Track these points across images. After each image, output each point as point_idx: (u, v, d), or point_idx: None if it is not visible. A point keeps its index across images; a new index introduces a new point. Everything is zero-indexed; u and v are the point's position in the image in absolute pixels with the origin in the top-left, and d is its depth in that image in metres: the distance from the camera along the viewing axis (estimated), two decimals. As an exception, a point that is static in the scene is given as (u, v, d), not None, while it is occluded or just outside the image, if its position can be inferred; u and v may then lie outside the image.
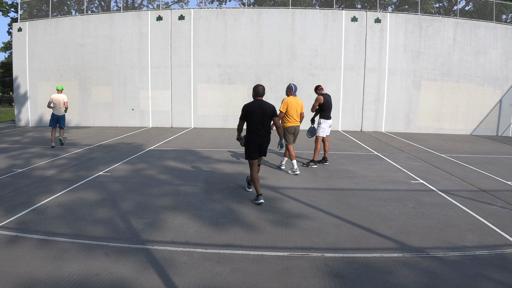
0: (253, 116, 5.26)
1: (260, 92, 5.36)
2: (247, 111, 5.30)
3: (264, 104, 5.32)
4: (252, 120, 5.28)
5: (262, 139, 5.35)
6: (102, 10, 26.46)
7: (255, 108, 5.27)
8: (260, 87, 5.36)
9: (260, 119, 5.27)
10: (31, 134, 13.36)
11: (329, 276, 3.27)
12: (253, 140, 5.30)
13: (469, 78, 15.63)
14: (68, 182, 6.33)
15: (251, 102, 5.37)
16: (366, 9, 18.41)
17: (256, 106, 5.29)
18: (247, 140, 5.35)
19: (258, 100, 5.38)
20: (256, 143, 5.31)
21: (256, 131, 5.29)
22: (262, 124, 5.30)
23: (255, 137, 5.30)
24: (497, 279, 3.23)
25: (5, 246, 3.76)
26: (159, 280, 3.15)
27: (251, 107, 5.29)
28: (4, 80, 38.93)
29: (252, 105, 5.32)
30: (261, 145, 5.38)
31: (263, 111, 5.28)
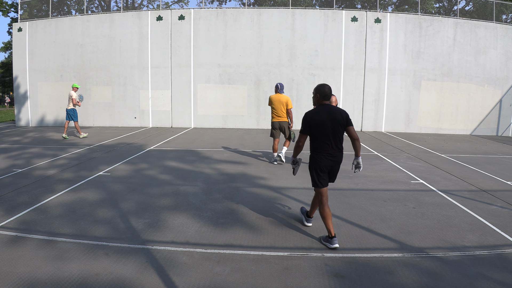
0: (321, 127, 3.84)
1: (328, 94, 3.92)
2: (312, 121, 3.86)
3: (335, 111, 3.88)
4: (320, 134, 3.86)
5: (334, 160, 3.93)
6: (102, 10, 26.46)
7: (323, 117, 3.84)
8: (327, 87, 3.95)
9: (330, 131, 3.84)
10: (31, 134, 13.36)
11: (329, 276, 3.27)
12: (321, 161, 3.91)
13: (469, 78, 15.62)
14: (69, 182, 6.33)
15: (316, 109, 3.93)
16: (366, 9, 18.41)
17: (325, 113, 3.85)
18: (313, 162, 3.97)
19: (326, 106, 3.91)
20: (325, 166, 3.93)
21: (325, 149, 3.88)
22: (334, 138, 3.87)
23: (325, 157, 3.90)
24: (497, 279, 3.23)
25: (5, 246, 3.76)
26: (159, 280, 3.15)
27: (318, 116, 3.85)
28: (4, 80, 38.94)
29: (319, 112, 3.87)
30: (332, 167, 3.99)
31: (334, 120, 3.84)
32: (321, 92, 3.95)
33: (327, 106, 3.91)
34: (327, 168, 3.97)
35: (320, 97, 3.97)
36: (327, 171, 4.00)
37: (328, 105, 3.92)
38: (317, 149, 3.93)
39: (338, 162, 4.01)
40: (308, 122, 3.89)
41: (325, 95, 3.95)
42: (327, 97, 3.94)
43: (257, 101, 16.01)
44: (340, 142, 3.94)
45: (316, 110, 3.93)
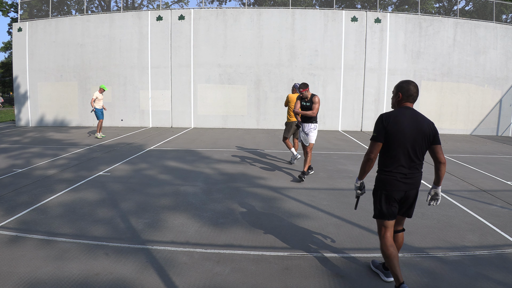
0: (399, 137, 2.87)
1: (413, 94, 2.95)
2: (391, 127, 2.88)
3: (421, 119, 2.93)
4: (396, 146, 2.89)
5: (409, 183, 2.96)
6: (102, 10, 26.46)
7: (405, 124, 2.88)
8: (413, 85, 2.95)
9: (410, 144, 2.89)
10: (31, 134, 13.36)
11: (329, 276, 3.27)
12: (392, 184, 2.95)
13: (469, 78, 15.63)
14: (69, 182, 6.33)
15: (396, 112, 2.96)
16: (366, 9, 18.41)
17: (407, 120, 2.89)
18: (380, 184, 3.01)
19: (410, 110, 2.95)
20: (397, 191, 2.95)
21: (398, 167, 2.92)
22: (414, 154, 2.93)
23: (397, 178, 2.93)
24: (497, 279, 3.23)
25: (5, 246, 3.76)
26: (159, 280, 3.15)
27: (397, 121, 2.89)
28: (4, 80, 38.94)
29: (399, 117, 2.91)
30: (406, 194, 2.99)
31: (419, 130, 2.89)
32: (405, 90, 2.95)
33: (411, 110, 2.94)
34: (400, 194, 2.96)
35: (403, 97, 2.97)
36: (399, 198, 2.98)
37: (412, 109, 2.95)
38: (388, 166, 2.95)
39: (414, 187, 2.99)
40: (385, 126, 2.89)
41: (409, 94, 2.95)
42: (411, 98, 2.96)
43: (257, 101, 16.01)
44: (420, 161, 2.98)
45: (395, 113, 2.94)
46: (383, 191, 3.00)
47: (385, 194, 3.00)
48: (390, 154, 2.94)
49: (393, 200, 2.99)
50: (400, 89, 2.99)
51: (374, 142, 2.98)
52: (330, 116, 15.92)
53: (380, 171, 3.04)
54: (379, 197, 3.03)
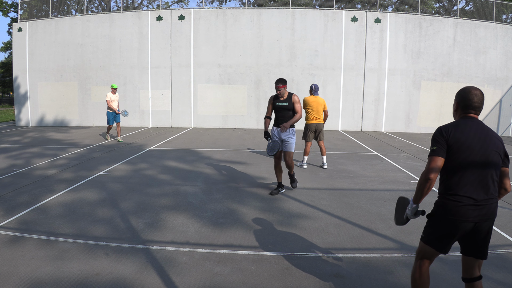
0: (466, 153, 2.31)
1: (473, 104, 2.40)
2: (454, 139, 2.34)
3: (492, 132, 2.40)
4: (463, 164, 2.32)
5: (481, 211, 2.30)
6: (102, 10, 26.46)
7: (472, 136, 2.34)
8: (472, 93, 2.40)
9: (480, 162, 2.32)
10: (31, 134, 13.36)
11: (329, 276, 3.27)
12: (457, 211, 2.31)
13: (469, 78, 15.62)
14: (69, 182, 6.33)
15: (458, 122, 2.44)
16: (366, 9, 18.41)
17: (474, 131, 2.36)
18: (441, 210, 2.38)
19: (475, 121, 2.41)
20: (464, 219, 2.30)
21: (467, 190, 2.30)
22: (485, 175, 2.32)
23: (465, 204, 2.29)
24: (497, 279, 3.23)
25: (5, 246, 3.76)
26: (159, 280, 3.15)
27: (463, 132, 2.35)
28: (4, 80, 38.93)
29: (463, 127, 2.37)
30: (476, 225, 2.32)
31: (491, 145, 2.34)
32: (461, 98, 2.44)
33: (477, 121, 2.40)
34: (467, 226, 2.30)
35: (459, 106, 2.47)
36: (465, 230, 2.32)
37: (477, 120, 2.41)
38: (452, 189, 2.32)
39: (488, 217, 2.32)
40: (446, 138, 2.34)
41: (466, 104, 2.42)
42: (471, 108, 2.41)
43: (257, 101, 16.01)
44: (494, 184, 2.34)
45: (456, 123, 2.42)
46: (446, 218, 2.33)
47: (446, 222, 2.33)
48: (455, 173, 2.32)
49: (455, 232, 2.33)
50: (456, 97, 2.48)
51: (434, 157, 2.34)
52: (330, 116, 15.88)
53: (442, 195, 2.39)
54: (437, 222, 2.41)
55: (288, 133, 5.56)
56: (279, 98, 5.59)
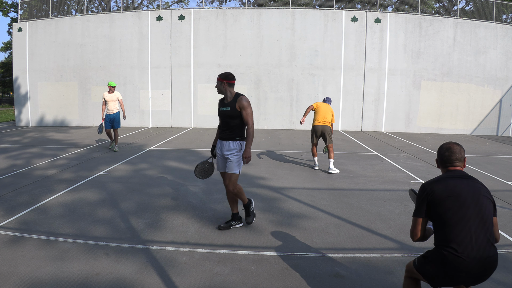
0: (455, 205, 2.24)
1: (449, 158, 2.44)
2: (438, 193, 2.28)
3: (477, 181, 2.36)
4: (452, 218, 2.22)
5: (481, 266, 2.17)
6: (102, 10, 26.46)
7: (459, 186, 2.30)
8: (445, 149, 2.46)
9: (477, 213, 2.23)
10: (31, 134, 13.36)
11: (329, 276, 3.27)
12: (452, 264, 2.18)
13: (469, 78, 15.63)
14: (69, 182, 6.33)
15: (443, 176, 2.42)
16: (366, 9, 18.41)
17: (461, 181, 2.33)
18: (439, 262, 2.24)
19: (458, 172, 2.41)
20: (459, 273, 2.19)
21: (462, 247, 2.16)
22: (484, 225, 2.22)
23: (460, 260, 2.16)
24: (497, 279, 3.23)
25: (5, 246, 3.76)
26: (159, 280, 3.15)
27: (448, 184, 2.32)
28: (4, 80, 38.92)
29: (449, 179, 2.35)
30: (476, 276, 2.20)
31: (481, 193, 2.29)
32: (438, 155, 2.49)
33: (460, 172, 2.41)
34: (466, 279, 2.21)
35: (440, 163, 2.51)
36: (464, 281, 2.23)
37: (461, 171, 2.41)
38: (450, 243, 2.20)
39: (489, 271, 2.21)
40: (428, 194, 2.32)
41: (443, 160, 2.46)
42: (450, 162, 2.43)
43: (257, 101, 16.01)
44: (492, 235, 2.26)
45: (440, 177, 2.41)
46: (442, 269, 2.23)
47: (444, 273, 2.23)
48: (450, 227, 2.22)
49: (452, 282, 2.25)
50: (437, 154, 2.49)
51: (415, 218, 2.37)
52: (330, 116, 15.91)
53: (440, 246, 2.26)
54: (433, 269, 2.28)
55: (230, 147, 4.14)
56: (222, 100, 4.28)
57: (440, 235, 2.27)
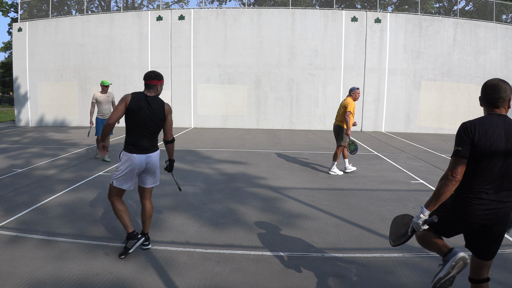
0: (490, 153, 2.18)
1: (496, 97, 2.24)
2: (478, 138, 2.18)
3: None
4: (483, 166, 2.20)
5: (493, 214, 2.21)
6: (102, 10, 26.46)
7: (497, 135, 2.19)
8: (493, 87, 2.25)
9: (501, 165, 2.19)
10: (31, 134, 13.36)
11: (329, 276, 3.27)
12: (464, 210, 2.24)
13: (469, 78, 15.63)
14: (69, 182, 6.33)
15: (483, 119, 2.25)
16: (366, 9, 18.41)
17: (500, 129, 2.20)
18: (451, 205, 2.31)
19: (501, 118, 2.25)
20: (469, 219, 2.24)
21: (482, 193, 2.21)
22: (503, 178, 2.20)
23: (477, 206, 2.21)
24: (497, 279, 3.23)
25: (5, 246, 3.76)
26: (159, 280, 3.15)
27: (487, 131, 2.19)
28: (4, 80, 38.92)
29: (488, 125, 2.21)
30: (484, 227, 2.25)
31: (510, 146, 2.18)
32: (483, 93, 2.31)
33: (503, 118, 2.23)
34: (474, 226, 2.24)
35: (483, 101, 2.33)
36: (472, 229, 2.28)
37: (504, 117, 2.24)
38: (467, 187, 2.23)
39: (498, 221, 2.22)
40: (472, 139, 2.19)
41: (489, 98, 2.27)
42: (495, 102, 2.24)
43: (257, 101, 16.01)
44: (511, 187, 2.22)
45: (481, 120, 2.24)
46: (452, 212, 2.28)
47: (454, 217, 2.28)
48: (473, 172, 2.20)
49: (460, 228, 2.31)
50: (480, 92, 2.33)
51: (457, 158, 2.21)
52: (330, 116, 15.90)
53: (456, 190, 2.27)
54: (445, 212, 2.31)
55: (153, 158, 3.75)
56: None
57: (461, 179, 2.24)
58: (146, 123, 3.52)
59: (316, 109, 15.89)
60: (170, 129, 3.76)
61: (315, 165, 8.20)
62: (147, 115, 3.49)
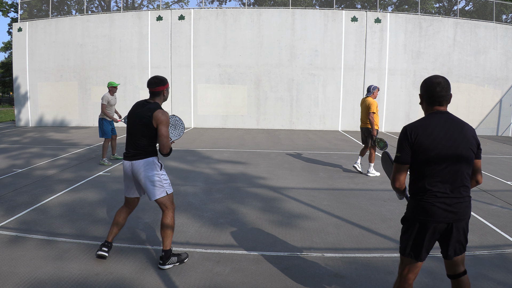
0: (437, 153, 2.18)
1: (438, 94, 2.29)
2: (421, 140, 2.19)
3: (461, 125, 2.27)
4: (430, 167, 2.19)
5: (452, 213, 2.19)
6: (102, 10, 26.45)
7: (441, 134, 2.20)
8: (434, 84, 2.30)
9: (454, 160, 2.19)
10: (31, 134, 13.36)
11: (329, 276, 3.27)
12: (428, 213, 2.20)
13: (469, 78, 15.63)
14: (69, 182, 6.33)
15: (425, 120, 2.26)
16: (366, 9, 18.41)
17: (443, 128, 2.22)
18: (414, 209, 2.26)
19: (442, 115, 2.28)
20: (434, 221, 2.20)
21: (437, 192, 2.19)
22: (455, 175, 2.19)
23: (434, 204, 2.19)
24: (497, 279, 3.23)
25: (5, 246, 3.76)
26: (159, 280, 3.15)
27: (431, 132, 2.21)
28: (4, 80, 38.92)
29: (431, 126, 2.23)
30: (450, 225, 2.22)
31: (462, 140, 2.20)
32: (424, 90, 2.30)
33: (445, 115, 2.26)
34: (440, 227, 2.21)
35: (423, 99, 2.32)
36: (440, 231, 2.23)
37: (446, 113, 2.27)
38: (424, 189, 2.21)
39: (461, 217, 2.21)
40: (410, 142, 2.21)
41: (430, 96, 2.28)
42: (437, 100, 2.26)
43: (257, 101, 16.01)
44: (467, 182, 2.23)
45: (424, 122, 2.24)
46: (417, 220, 2.23)
47: (419, 224, 2.22)
48: (425, 174, 2.20)
49: (429, 234, 2.21)
50: (421, 89, 2.34)
51: (397, 164, 2.25)
52: (330, 116, 15.92)
53: (413, 195, 2.28)
54: (410, 228, 2.27)
55: (139, 169, 3.36)
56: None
57: (415, 182, 2.27)
58: (131, 128, 3.37)
59: (316, 109, 15.89)
60: (162, 140, 3.26)
61: (315, 165, 8.20)
62: (133, 120, 3.34)
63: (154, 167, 3.31)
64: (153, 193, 3.30)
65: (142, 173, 3.28)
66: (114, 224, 3.52)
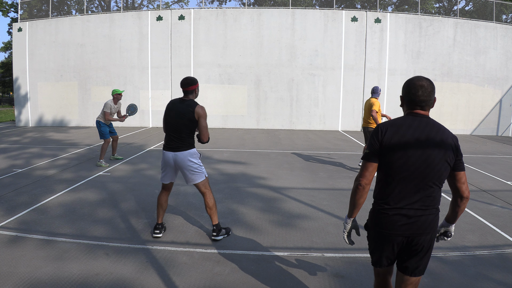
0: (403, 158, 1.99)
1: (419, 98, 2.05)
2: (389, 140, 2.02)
3: (437, 132, 2.04)
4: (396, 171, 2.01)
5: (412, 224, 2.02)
6: (102, 10, 26.45)
7: (411, 138, 2.00)
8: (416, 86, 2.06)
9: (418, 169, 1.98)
10: (31, 134, 13.36)
11: (329, 276, 3.27)
12: (385, 224, 2.07)
13: (469, 78, 15.63)
14: (69, 182, 6.33)
15: (400, 120, 2.08)
16: (366, 9, 18.41)
17: (415, 132, 2.02)
18: (376, 220, 2.12)
19: (420, 119, 2.07)
20: (394, 232, 2.04)
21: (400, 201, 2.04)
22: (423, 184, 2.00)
23: (395, 216, 2.04)
24: (497, 279, 3.23)
25: (5, 246, 3.76)
26: (159, 280, 3.15)
27: (402, 133, 2.02)
28: (4, 80, 38.93)
29: (403, 127, 2.04)
30: (409, 239, 2.04)
31: (433, 149, 1.99)
32: (405, 92, 2.11)
33: (423, 119, 2.05)
34: (398, 240, 2.04)
35: (404, 101, 2.13)
36: (398, 245, 2.06)
37: (424, 117, 2.05)
38: (385, 197, 2.07)
39: (423, 231, 2.02)
40: (381, 141, 2.03)
41: (411, 99, 2.07)
42: (419, 104, 2.05)
43: (257, 101, 16.01)
44: (435, 194, 2.03)
45: (398, 122, 2.08)
46: (374, 230, 2.12)
47: (377, 235, 2.11)
48: (389, 180, 2.03)
49: (388, 246, 2.07)
50: (402, 91, 2.14)
51: (364, 161, 2.08)
52: (330, 116, 15.92)
53: (375, 201, 2.14)
54: (371, 234, 2.17)
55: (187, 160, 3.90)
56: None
57: (378, 188, 2.12)
58: (172, 124, 3.88)
59: (316, 109, 15.90)
60: (202, 131, 3.89)
61: (315, 165, 8.20)
62: (174, 116, 3.86)
63: (196, 156, 3.92)
64: (195, 178, 3.89)
65: (187, 162, 3.83)
66: (159, 207, 4.06)
